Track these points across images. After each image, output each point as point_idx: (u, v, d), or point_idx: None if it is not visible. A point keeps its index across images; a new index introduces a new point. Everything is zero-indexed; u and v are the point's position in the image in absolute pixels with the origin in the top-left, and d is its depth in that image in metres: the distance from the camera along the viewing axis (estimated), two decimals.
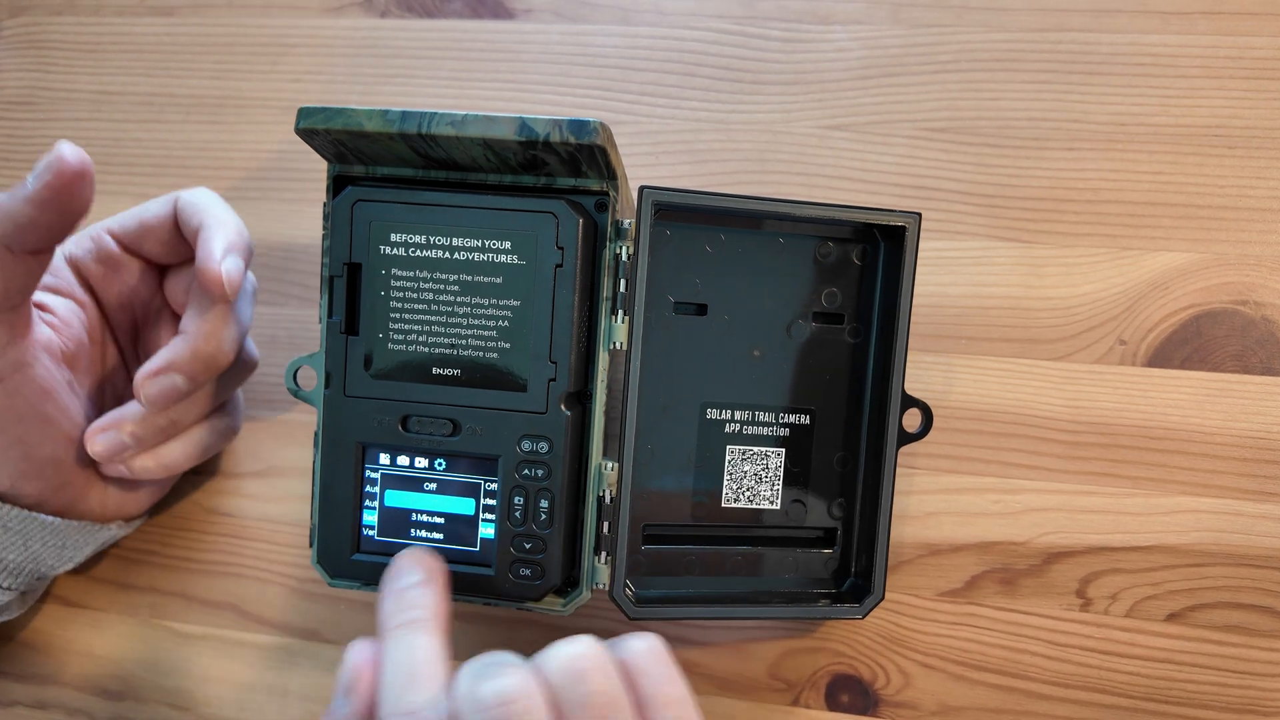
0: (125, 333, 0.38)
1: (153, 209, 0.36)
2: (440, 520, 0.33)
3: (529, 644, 0.39)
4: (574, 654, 0.26)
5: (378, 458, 0.33)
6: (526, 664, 0.26)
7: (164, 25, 0.45)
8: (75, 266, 0.36)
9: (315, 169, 0.43)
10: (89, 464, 0.36)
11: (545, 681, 0.25)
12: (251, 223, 0.43)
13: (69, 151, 0.30)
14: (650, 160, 0.41)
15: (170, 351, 0.34)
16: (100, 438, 0.35)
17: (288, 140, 0.43)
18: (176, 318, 0.38)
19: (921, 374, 0.38)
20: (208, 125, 0.44)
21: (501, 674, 0.25)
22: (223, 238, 0.34)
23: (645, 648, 0.27)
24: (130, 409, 0.35)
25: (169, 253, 0.37)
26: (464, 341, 0.32)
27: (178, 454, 0.37)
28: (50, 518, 0.35)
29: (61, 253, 0.35)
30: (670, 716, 0.25)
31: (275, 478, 0.41)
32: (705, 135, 0.41)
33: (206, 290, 0.34)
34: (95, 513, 0.37)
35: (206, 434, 0.38)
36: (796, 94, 0.41)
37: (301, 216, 0.43)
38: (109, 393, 0.38)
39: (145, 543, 0.41)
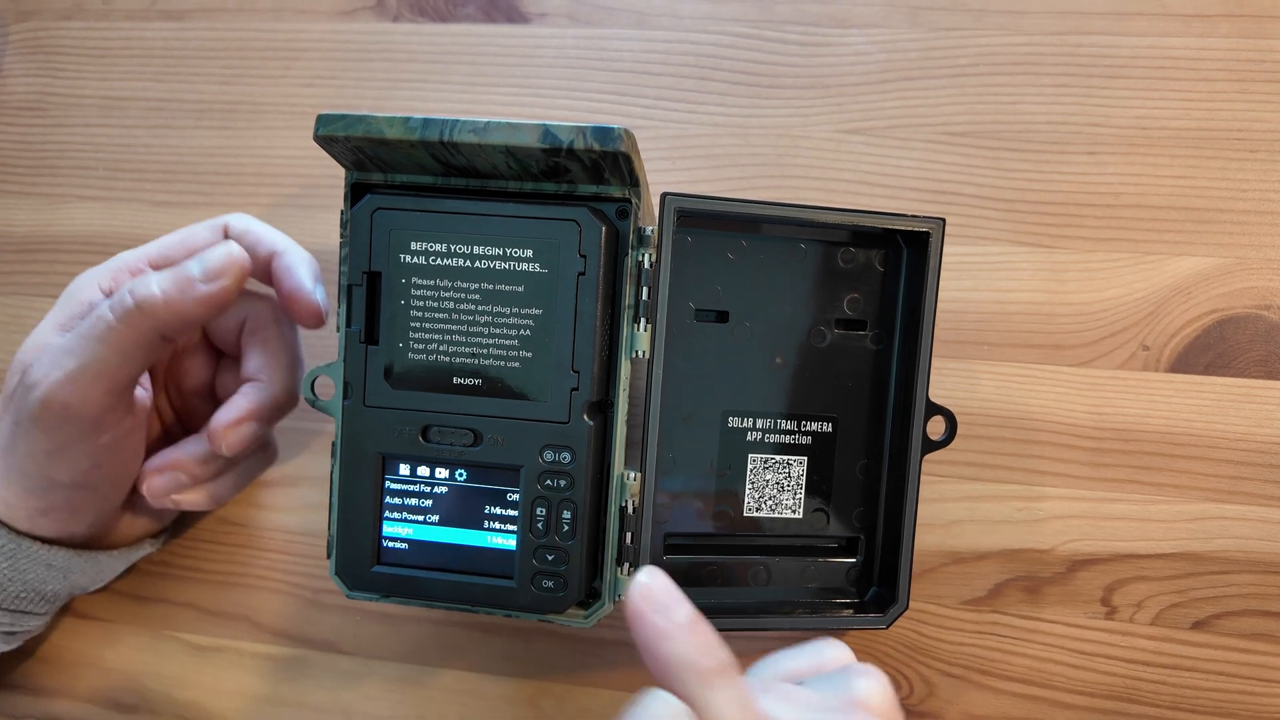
0: (162, 364, 0.37)
1: (199, 235, 0.34)
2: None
3: (549, 655, 0.38)
4: (891, 695, 0.25)
5: (398, 469, 0.32)
6: (849, 701, 0.25)
7: (173, 30, 0.44)
8: None
9: (328, 175, 0.42)
10: (130, 499, 0.36)
11: None
12: None
13: (245, 259, 0.31)
14: (667, 165, 0.41)
15: (249, 401, 0.34)
16: (159, 481, 0.35)
17: (300, 146, 0.43)
18: (211, 345, 0.38)
19: (944, 380, 0.38)
20: (218, 131, 0.43)
21: None
22: (306, 266, 0.34)
23: (882, 696, 0.25)
24: (187, 449, 0.35)
25: None
26: (485, 351, 0.31)
27: (227, 487, 0.37)
28: (94, 553, 0.36)
29: (102, 293, 0.33)
30: None
31: (288, 487, 0.41)
32: (722, 140, 0.41)
33: (300, 320, 0.34)
34: (125, 537, 0.37)
35: (253, 464, 0.38)
36: (814, 98, 0.41)
37: (315, 223, 0.42)
38: (151, 425, 0.37)
39: (157, 554, 0.41)
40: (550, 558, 0.32)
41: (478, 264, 0.31)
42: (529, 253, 0.31)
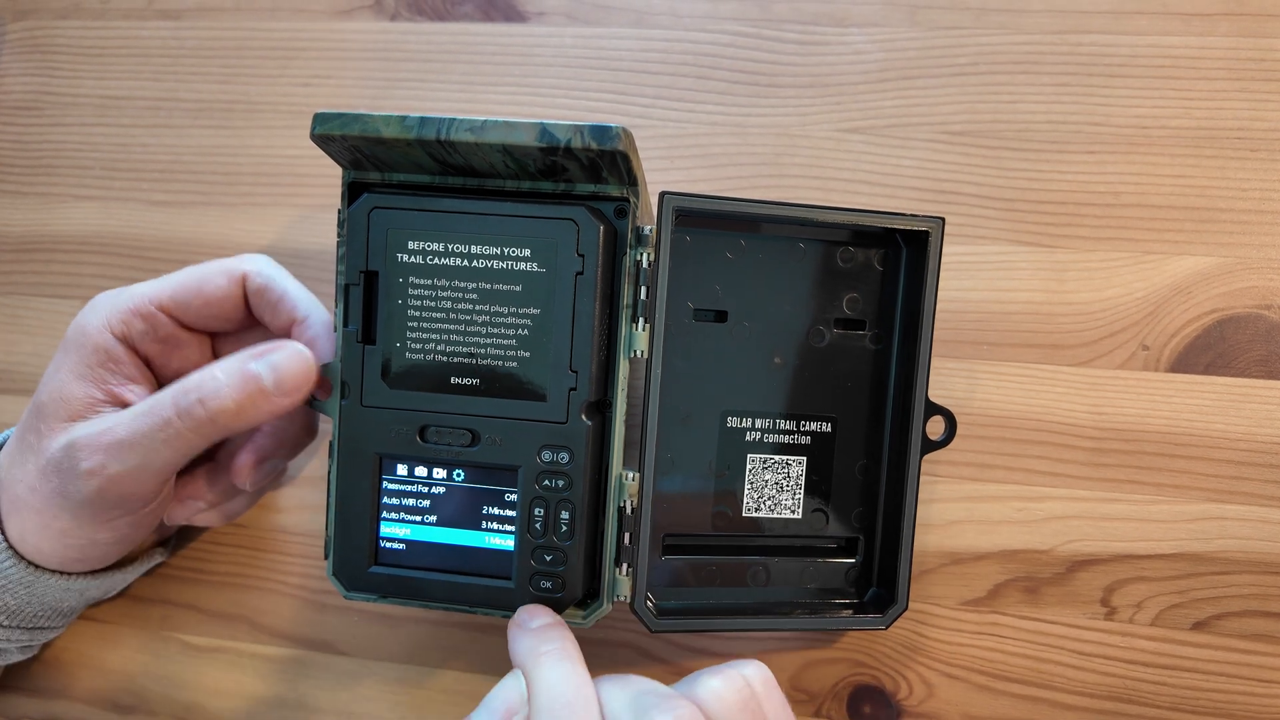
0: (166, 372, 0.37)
1: (215, 283, 0.34)
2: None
3: None
4: (738, 693, 0.27)
5: (395, 469, 0.32)
6: (685, 696, 0.26)
7: (170, 29, 0.44)
8: (132, 348, 0.33)
9: (326, 174, 0.42)
10: None
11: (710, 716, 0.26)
12: (260, 229, 0.42)
13: (315, 369, 0.32)
14: (665, 164, 0.41)
15: (271, 441, 0.35)
16: (179, 510, 0.36)
17: (297, 145, 0.43)
18: (216, 355, 0.37)
19: (943, 380, 0.38)
20: (215, 130, 0.43)
21: (671, 708, 0.25)
22: (328, 339, 0.34)
23: (761, 677, 0.28)
24: (207, 481, 0.36)
25: (232, 324, 0.35)
26: (483, 350, 0.31)
27: (240, 505, 0.38)
28: (109, 573, 0.36)
29: (114, 338, 0.33)
30: None
31: (287, 487, 0.41)
32: (720, 139, 0.41)
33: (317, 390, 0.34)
34: (136, 551, 0.38)
35: (266, 483, 0.38)
36: (813, 97, 0.40)
37: (313, 223, 0.42)
38: None
39: None
40: (548, 558, 0.32)
41: (475, 263, 0.31)
42: (527, 252, 0.31)
